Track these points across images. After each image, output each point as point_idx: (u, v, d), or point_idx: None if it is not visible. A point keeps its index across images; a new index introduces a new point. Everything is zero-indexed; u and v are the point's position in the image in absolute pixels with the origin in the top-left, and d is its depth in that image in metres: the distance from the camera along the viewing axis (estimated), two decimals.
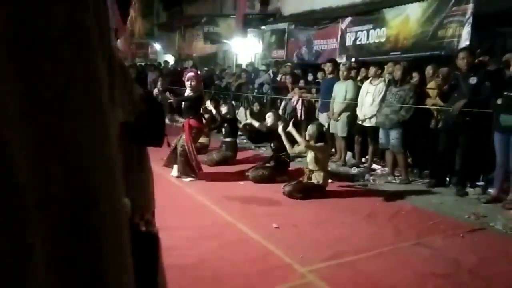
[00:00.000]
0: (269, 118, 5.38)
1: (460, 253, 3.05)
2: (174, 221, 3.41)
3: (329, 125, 6.17)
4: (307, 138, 4.59)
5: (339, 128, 6.05)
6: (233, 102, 7.80)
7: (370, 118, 5.63)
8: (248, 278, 2.51)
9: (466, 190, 4.74)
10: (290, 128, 4.68)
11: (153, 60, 16.75)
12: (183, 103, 4.94)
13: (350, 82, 6.04)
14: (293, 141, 4.72)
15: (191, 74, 5.01)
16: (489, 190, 4.61)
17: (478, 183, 4.85)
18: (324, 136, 4.67)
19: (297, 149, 4.85)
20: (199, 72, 5.22)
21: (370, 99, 5.61)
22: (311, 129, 4.61)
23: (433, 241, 3.28)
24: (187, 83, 4.91)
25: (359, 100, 5.78)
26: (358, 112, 5.78)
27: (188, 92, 4.96)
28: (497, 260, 2.99)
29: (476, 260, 2.93)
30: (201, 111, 5.53)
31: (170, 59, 16.43)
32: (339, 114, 5.99)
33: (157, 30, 18.78)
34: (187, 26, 16.01)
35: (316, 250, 2.96)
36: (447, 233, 3.46)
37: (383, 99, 5.46)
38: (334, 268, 2.71)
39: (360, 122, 5.80)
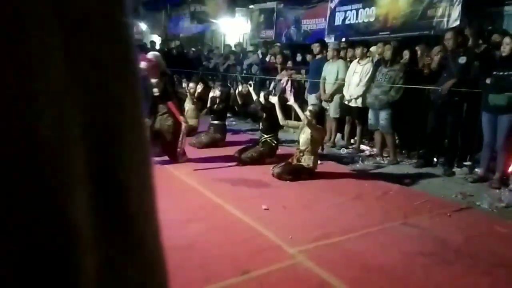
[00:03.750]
0: (262, 98, 5.34)
1: (447, 232, 3.09)
2: (161, 204, 3.32)
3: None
4: (305, 121, 4.51)
5: (331, 109, 6.02)
6: (230, 85, 7.61)
7: (356, 98, 5.61)
8: (237, 259, 2.50)
9: (454, 170, 4.80)
10: (292, 102, 4.68)
11: (139, 41, 16.35)
12: (153, 89, 4.54)
13: (341, 62, 5.99)
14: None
15: (145, 61, 4.39)
16: (476, 169, 4.67)
17: (466, 163, 4.91)
18: (323, 119, 4.67)
19: (290, 123, 4.87)
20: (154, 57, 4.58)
21: (357, 79, 5.57)
22: (312, 109, 4.57)
23: (420, 220, 3.31)
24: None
25: (346, 79, 5.75)
26: (344, 92, 5.76)
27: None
28: (483, 238, 3.04)
29: (463, 239, 2.98)
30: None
31: (157, 39, 16.07)
32: (332, 95, 5.96)
33: (142, 9, 18.29)
34: (173, 5, 15.62)
35: (305, 231, 2.97)
36: (434, 213, 3.50)
37: (371, 80, 5.43)
38: (323, 248, 2.71)
39: (346, 103, 5.79)
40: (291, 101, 4.81)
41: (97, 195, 0.31)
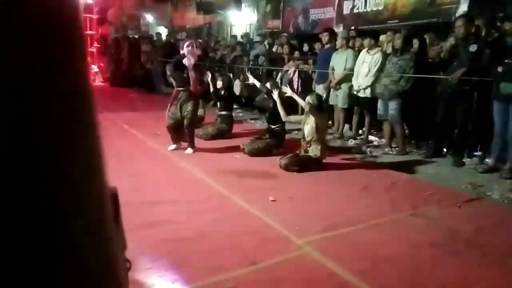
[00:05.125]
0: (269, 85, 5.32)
1: (456, 223, 3.06)
2: (170, 195, 3.39)
3: (327, 96, 6.08)
4: (306, 108, 4.47)
5: (340, 99, 5.96)
6: (230, 75, 7.72)
7: (364, 89, 5.55)
8: (245, 250, 2.50)
9: (463, 160, 4.73)
10: (291, 93, 4.66)
11: (145, 32, 16.33)
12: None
13: (350, 51, 5.91)
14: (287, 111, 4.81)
15: (190, 41, 5.00)
16: (487, 160, 4.60)
17: (476, 153, 4.83)
18: (322, 106, 4.60)
19: (292, 118, 4.84)
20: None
21: (366, 69, 5.50)
22: (310, 98, 4.48)
23: (430, 211, 3.28)
24: (187, 50, 4.78)
25: (355, 69, 5.68)
26: (353, 82, 5.70)
27: (187, 61, 4.78)
28: (493, 229, 3.00)
29: (472, 230, 2.94)
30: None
31: (163, 31, 16.03)
32: (339, 84, 5.90)
33: (149, 1, 18.24)
34: None
35: (313, 222, 2.96)
36: (444, 203, 3.46)
37: (380, 69, 5.36)
38: (330, 239, 2.70)
39: (355, 93, 5.73)
40: (289, 92, 4.80)
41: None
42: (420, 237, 2.79)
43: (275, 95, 4.81)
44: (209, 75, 6.19)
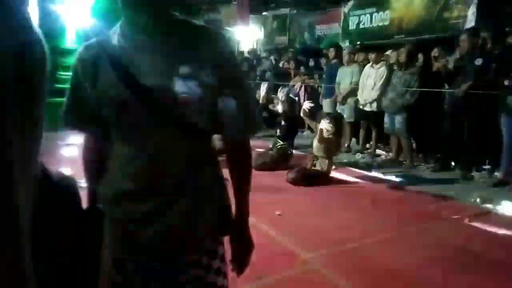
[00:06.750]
0: (280, 103, 5.35)
1: (465, 238, 3.02)
2: None
3: (334, 111, 6.10)
4: (325, 130, 4.37)
5: (346, 114, 5.98)
6: None
7: (370, 103, 5.56)
8: (251, 265, 2.47)
9: (472, 174, 4.68)
10: (319, 120, 4.55)
11: None
12: None
13: (356, 66, 5.96)
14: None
15: None
16: (496, 173, 4.55)
17: (484, 167, 4.79)
18: (340, 130, 4.58)
19: (309, 120, 4.79)
20: None
21: (371, 83, 5.53)
22: (329, 123, 4.38)
23: (438, 226, 3.24)
24: None
25: (360, 84, 5.70)
26: (359, 97, 5.72)
27: None
28: (502, 244, 2.95)
29: (482, 245, 2.90)
30: None
31: None
32: (346, 98, 5.92)
33: None
34: (187, 13, 15.85)
35: (319, 236, 2.94)
36: (452, 218, 3.42)
37: (385, 83, 5.38)
38: (337, 254, 2.69)
39: (361, 107, 5.74)
40: (320, 121, 4.63)
41: None
42: (428, 252, 2.76)
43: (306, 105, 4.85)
44: None
